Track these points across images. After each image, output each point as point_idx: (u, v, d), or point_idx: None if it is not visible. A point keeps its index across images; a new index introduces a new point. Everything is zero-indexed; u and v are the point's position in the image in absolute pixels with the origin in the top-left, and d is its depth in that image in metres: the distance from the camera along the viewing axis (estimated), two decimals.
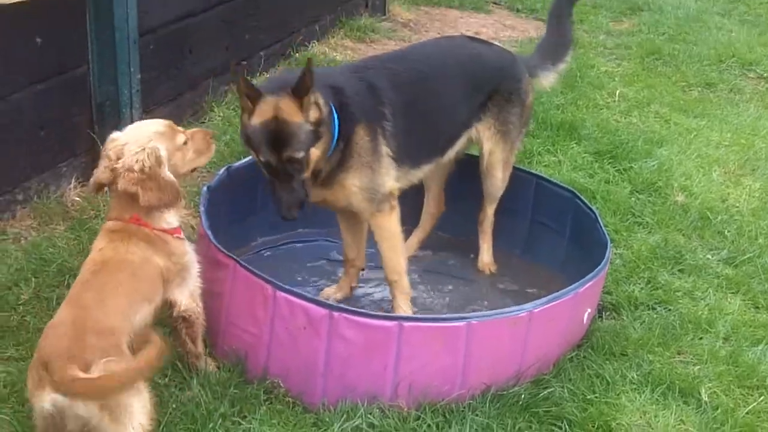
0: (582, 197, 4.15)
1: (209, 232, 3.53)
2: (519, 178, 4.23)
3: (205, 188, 3.85)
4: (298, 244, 4.38)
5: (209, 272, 3.44)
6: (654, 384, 3.53)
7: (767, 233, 4.75)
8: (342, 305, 3.31)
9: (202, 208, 3.69)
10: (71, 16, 4.31)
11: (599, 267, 3.55)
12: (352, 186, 3.50)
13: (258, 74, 6.04)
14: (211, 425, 3.09)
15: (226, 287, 3.43)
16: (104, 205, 4.29)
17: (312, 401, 3.26)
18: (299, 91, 3.20)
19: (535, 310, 3.29)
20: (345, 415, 3.18)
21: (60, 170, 4.41)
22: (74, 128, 4.49)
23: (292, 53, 6.54)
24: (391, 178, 3.58)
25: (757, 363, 3.71)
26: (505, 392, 3.32)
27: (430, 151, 3.86)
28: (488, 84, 3.95)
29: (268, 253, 4.29)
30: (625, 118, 6.27)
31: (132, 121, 4.61)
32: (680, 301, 4.12)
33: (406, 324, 3.16)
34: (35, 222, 4.19)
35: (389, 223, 3.61)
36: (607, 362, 3.62)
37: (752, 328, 3.97)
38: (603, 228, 3.88)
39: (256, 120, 3.23)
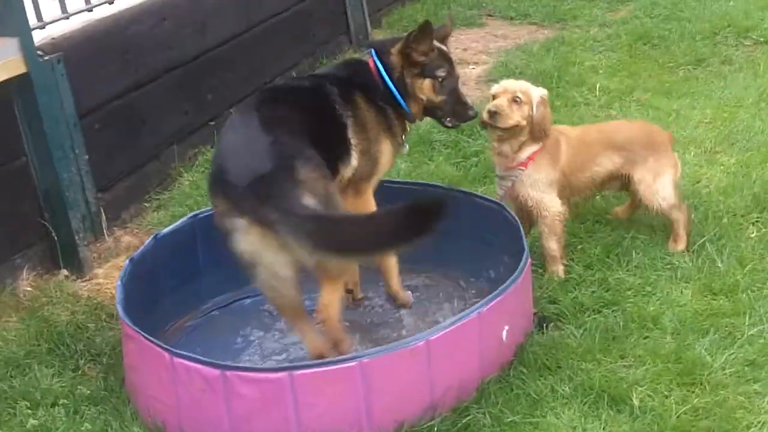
0: (507, 208, 4.04)
1: (120, 308, 3.56)
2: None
3: (127, 261, 3.90)
4: (247, 300, 4.35)
5: (126, 346, 3.49)
6: (584, 395, 3.38)
7: (733, 211, 4.53)
8: (232, 364, 3.29)
9: (119, 282, 3.73)
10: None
11: (504, 285, 3.44)
12: None
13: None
14: None
15: (137, 359, 3.45)
16: (57, 292, 4.40)
17: None
18: None
19: (432, 338, 3.20)
20: None
21: (14, 262, 4.53)
22: (24, 218, 4.60)
23: None
24: None
25: (700, 357, 3.52)
26: (418, 427, 3.23)
27: None
28: None
29: (217, 312, 4.29)
30: (604, 112, 6.09)
31: (86, 204, 4.76)
32: (630, 300, 3.95)
33: (296, 373, 3.11)
34: None
35: None
36: (539, 379, 3.49)
37: (702, 318, 3.77)
38: (524, 241, 3.76)
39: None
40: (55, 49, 4.64)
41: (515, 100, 4.09)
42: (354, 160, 3.73)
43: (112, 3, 5.20)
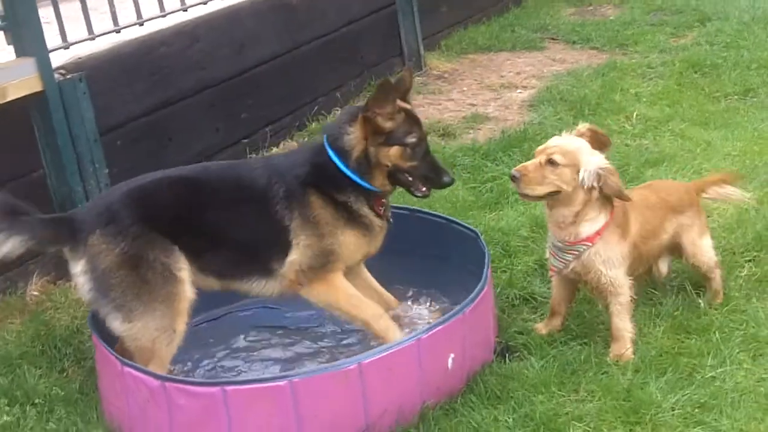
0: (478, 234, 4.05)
1: (89, 315, 3.75)
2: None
3: None
4: (240, 313, 4.49)
5: (95, 353, 3.68)
6: (524, 426, 3.37)
7: (732, 249, 4.42)
8: (172, 376, 3.42)
9: None
10: (19, 127, 4.71)
11: (448, 314, 3.47)
12: None
13: (266, 149, 6.30)
14: None
15: (101, 366, 3.64)
16: (63, 298, 4.63)
17: None
18: None
19: (365, 362, 3.26)
20: None
21: (27, 267, 4.79)
22: None
23: (307, 123, 6.75)
24: None
25: (651, 396, 3.45)
26: None
27: None
28: None
29: (205, 324, 4.42)
30: (636, 140, 6.03)
31: None
32: (600, 334, 3.91)
33: (229, 388, 3.22)
34: None
35: None
36: (486, 408, 3.49)
37: (667, 357, 3.70)
38: (485, 272, 3.77)
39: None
40: (79, 68, 4.90)
41: (550, 161, 3.65)
42: (294, 254, 3.66)
43: (143, 25, 5.44)
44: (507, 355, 3.81)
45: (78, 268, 3.61)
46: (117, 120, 5.24)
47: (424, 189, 3.77)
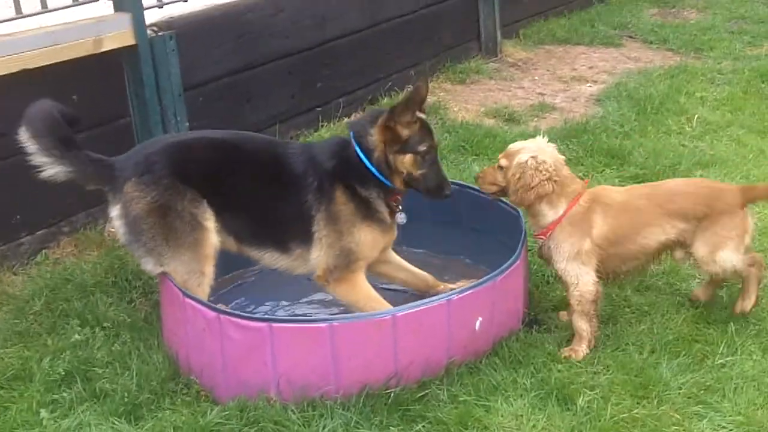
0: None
1: None
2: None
3: None
4: None
5: (161, 286, 4.07)
6: (539, 389, 3.66)
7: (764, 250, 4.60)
8: (227, 309, 3.79)
9: None
10: (110, 78, 5.13)
11: (478, 281, 3.76)
12: None
13: (337, 119, 6.65)
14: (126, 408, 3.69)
15: (164, 297, 4.02)
16: None
17: (219, 395, 3.75)
18: None
19: (399, 314, 3.58)
20: (239, 410, 3.61)
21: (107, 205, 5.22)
22: None
23: (380, 98, 7.07)
24: None
25: (661, 375, 3.71)
26: (380, 391, 3.61)
27: None
28: None
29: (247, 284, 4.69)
30: (692, 142, 6.20)
31: None
32: (626, 316, 4.16)
33: (275, 325, 3.57)
34: (76, 249, 5.02)
35: None
36: (508, 370, 3.79)
37: (682, 342, 3.94)
38: (523, 240, 4.06)
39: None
40: (170, 26, 5.32)
41: (500, 167, 4.04)
42: (318, 251, 3.93)
43: None
44: (534, 326, 4.09)
45: (115, 212, 3.97)
46: (200, 78, 5.63)
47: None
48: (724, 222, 3.95)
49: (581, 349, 3.91)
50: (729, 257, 3.95)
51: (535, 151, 3.96)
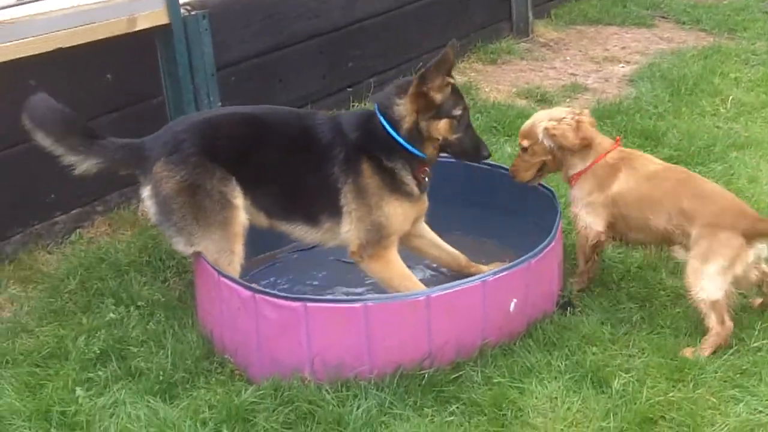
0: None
1: None
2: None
3: None
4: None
5: (195, 266, 4.09)
6: (574, 371, 3.65)
7: None
8: (262, 288, 3.80)
9: None
10: (143, 57, 5.14)
11: (513, 263, 3.75)
12: None
13: (368, 99, 6.62)
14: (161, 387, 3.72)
15: (199, 277, 4.04)
16: None
17: (253, 374, 3.77)
18: None
19: (433, 295, 3.58)
20: (273, 389, 3.63)
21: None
22: None
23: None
24: None
25: (697, 358, 3.69)
26: (414, 372, 3.62)
27: None
28: None
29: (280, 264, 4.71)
30: (727, 123, 6.14)
31: None
32: (660, 299, 4.14)
33: (310, 305, 3.58)
34: (110, 229, 5.06)
35: None
36: (542, 352, 3.78)
37: None
38: (558, 222, 4.05)
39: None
40: (204, 6, 5.31)
41: (522, 149, 4.22)
42: (348, 225, 3.92)
43: None
44: (569, 308, 4.08)
45: (146, 192, 3.99)
46: (232, 58, 5.64)
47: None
48: (720, 240, 3.77)
49: (576, 281, 4.25)
50: (714, 276, 3.75)
51: (547, 114, 4.23)
